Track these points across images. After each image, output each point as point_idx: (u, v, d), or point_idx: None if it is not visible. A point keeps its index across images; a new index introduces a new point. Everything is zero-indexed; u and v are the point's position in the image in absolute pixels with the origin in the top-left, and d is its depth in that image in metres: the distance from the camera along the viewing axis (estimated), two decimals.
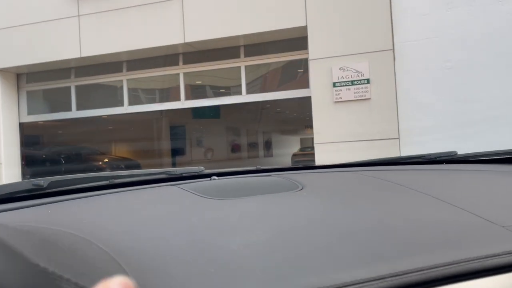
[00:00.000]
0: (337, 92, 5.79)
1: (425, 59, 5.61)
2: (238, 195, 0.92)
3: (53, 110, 8.02)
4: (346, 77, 5.75)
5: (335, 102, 5.81)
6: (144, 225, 0.72)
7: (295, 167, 1.52)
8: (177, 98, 7.22)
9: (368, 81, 5.67)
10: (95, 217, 0.80)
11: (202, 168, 1.23)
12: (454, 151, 1.44)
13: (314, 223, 0.73)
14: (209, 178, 1.13)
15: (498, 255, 0.59)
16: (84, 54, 7.11)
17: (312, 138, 6.03)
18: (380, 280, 0.53)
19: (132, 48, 6.83)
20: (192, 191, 0.93)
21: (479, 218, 0.74)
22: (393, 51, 5.66)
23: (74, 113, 7.79)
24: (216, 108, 7.61)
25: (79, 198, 0.95)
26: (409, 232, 0.69)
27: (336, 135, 5.74)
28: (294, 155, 17.41)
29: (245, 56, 6.86)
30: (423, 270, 0.55)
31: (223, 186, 1.02)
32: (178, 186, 1.00)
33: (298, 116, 13.82)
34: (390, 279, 0.53)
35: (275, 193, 0.94)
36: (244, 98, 6.85)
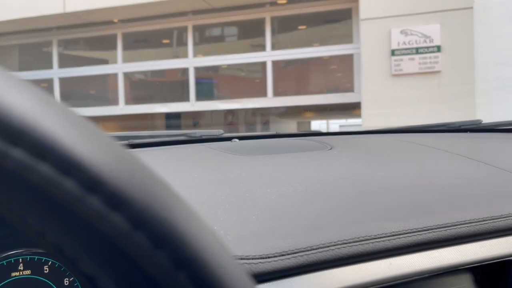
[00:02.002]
0: (397, 63, 4.50)
1: None
2: (267, 153, 0.90)
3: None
4: (409, 43, 4.45)
5: (394, 75, 4.53)
6: (175, 177, 0.67)
7: (319, 133, 1.45)
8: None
9: (438, 48, 4.38)
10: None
11: (221, 131, 1.21)
12: (479, 120, 1.40)
13: (349, 178, 0.71)
14: (230, 141, 1.08)
15: None
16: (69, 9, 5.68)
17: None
18: (429, 231, 0.52)
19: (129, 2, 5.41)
20: (218, 149, 0.91)
21: None
22: (473, 10, 4.32)
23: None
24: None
25: None
26: (449, 187, 0.69)
27: (393, 120, 4.45)
28: None
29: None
30: (471, 222, 0.55)
31: (247, 146, 1.00)
32: (203, 145, 0.99)
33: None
34: (438, 230, 0.53)
35: (304, 152, 0.91)
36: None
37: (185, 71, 5.92)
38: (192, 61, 5.83)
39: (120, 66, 6.13)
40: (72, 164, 0.18)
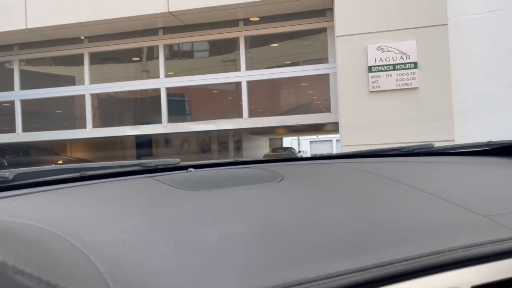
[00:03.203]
0: (374, 79, 4.44)
1: (488, 39, 4.32)
2: (216, 186, 0.91)
3: None
4: (386, 59, 4.41)
5: (371, 92, 4.45)
6: (116, 217, 0.70)
7: (274, 159, 1.48)
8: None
9: (415, 65, 4.36)
10: (65, 210, 0.78)
11: (178, 160, 1.22)
12: (431, 144, 1.44)
13: (295, 213, 0.72)
14: (185, 170, 1.11)
15: (482, 244, 0.60)
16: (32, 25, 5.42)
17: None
18: (365, 271, 0.52)
19: (97, 18, 5.21)
20: (168, 183, 0.92)
21: (461, 208, 0.75)
22: (447, 27, 4.34)
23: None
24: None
25: (48, 190, 0.93)
26: (391, 222, 0.69)
27: (370, 137, 4.37)
28: (266, 156, 16.95)
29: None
30: (407, 260, 0.55)
31: (200, 177, 1.01)
32: (153, 177, 0.99)
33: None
34: (374, 269, 0.53)
35: (254, 184, 0.93)
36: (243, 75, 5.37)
37: (156, 91, 5.70)
38: (163, 82, 5.63)
39: (87, 88, 5.86)
40: None
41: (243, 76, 5.41)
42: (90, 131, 5.85)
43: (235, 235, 0.61)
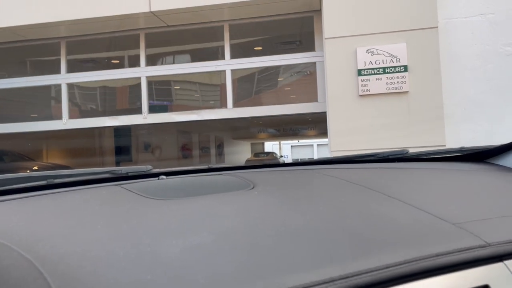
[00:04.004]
0: (364, 83, 4.33)
1: (478, 42, 4.26)
2: (185, 195, 0.90)
3: None
4: (376, 62, 4.31)
5: (361, 95, 4.34)
6: (77, 228, 0.68)
7: (248, 166, 1.45)
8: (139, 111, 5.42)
9: (405, 68, 4.26)
10: (25, 220, 0.75)
11: (150, 167, 1.20)
12: (406, 150, 1.45)
13: (263, 223, 0.71)
14: (156, 178, 1.09)
15: (450, 252, 0.60)
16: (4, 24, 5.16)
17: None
18: (330, 283, 0.52)
19: (74, 17, 4.99)
20: (136, 192, 0.90)
21: (431, 216, 0.75)
22: (437, 30, 4.26)
23: None
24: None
25: (10, 200, 0.90)
26: (360, 231, 0.69)
27: (360, 141, 4.26)
28: (248, 161, 16.88)
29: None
30: (373, 271, 0.55)
31: (170, 185, 1.00)
32: (122, 186, 0.97)
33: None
34: (339, 281, 0.53)
35: (224, 193, 0.92)
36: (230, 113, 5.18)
37: (136, 81, 5.46)
38: (144, 70, 5.40)
39: (64, 76, 5.59)
40: None
41: (228, 64, 5.23)
42: (66, 122, 5.56)
43: (200, 246, 0.59)
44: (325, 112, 4.67)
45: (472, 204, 0.87)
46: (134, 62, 5.63)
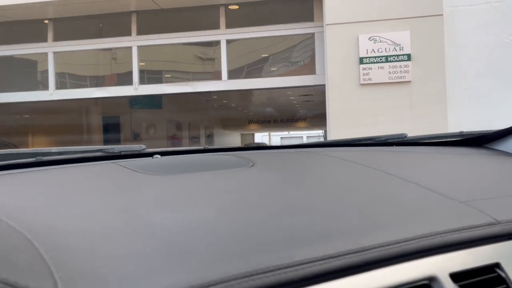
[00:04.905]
0: (365, 71, 4.21)
1: (483, 31, 4.15)
2: (183, 171, 0.88)
3: None
4: (378, 50, 4.19)
5: (362, 84, 4.21)
6: (70, 202, 0.67)
7: (246, 147, 1.41)
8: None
9: (409, 57, 4.15)
10: (13, 194, 0.74)
11: (143, 146, 1.15)
12: (404, 134, 1.42)
13: (265, 199, 0.70)
14: (151, 157, 1.04)
15: (459, 230, 0.59)
16: None
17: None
18: (339, 257, 0.50)
19: None
20: (130, 168, 0.87)
21: (436, 194, 0.74)
22: (442, 18, 4.13)
23: None
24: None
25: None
26: (366, 207, 0.68)
27: (360, 132, 4.09)
28: None
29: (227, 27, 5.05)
30: (383, 246, 0.53)
31: (166, 163, 0.97)
32: (116, 163, 0.93)
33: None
34: (349, 256, 0.51)
35: (223, 170, 0.90)
36: (225, 84, 5.01)
37: (127, 50, 5.26)
38: (135, 40, 5.20)
39: (50, 45, 5.37)
40: None
41: (223, 34, 5.05)
42: (52, 93, 5.41)
43: (200, 221, 0.58)
44: (323, 85, 4.51)
45: (477, 184, 0.86)
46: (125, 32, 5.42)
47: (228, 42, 5.08)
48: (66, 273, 0.43)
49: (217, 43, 5.13)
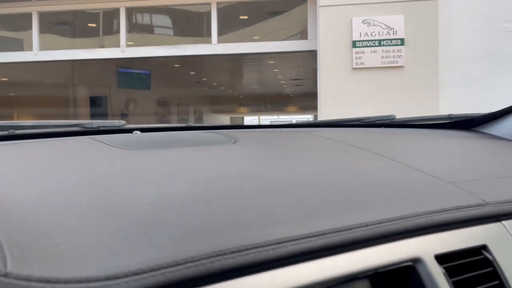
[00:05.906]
0: (358, 55, 4.17)
1: (477, 17, 4.12)
2: (162, 147, 0.85)
3: None
4: (372, 34, 4.15)
5: (355, 69, 4.18)
6: (36, 176, 0.64)
7: (231, 126, 1.37)
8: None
9: (402, 41, 4.11)
10: None
11: (123, 122, 1.12)
12: (393, 115, 1.42)
13: (246, 176, 0.68)
14: (130, 133, 1.03)
15: (447, 210, 0.58)
16: None
17: None
18: (320, 236, 0.48)
19: None
20: (107, 143, 0.84)
21: (424, 174, 0.73)
22: (437, 2, 4.10)
23: None
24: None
25: None
26: (351, 186, 0.66)
27: (351, 116, 4.07)
28: None
29: None
30: (367, 225, 0.52)
31: (145, 139, 0.93)
32: (92, 138, 0.91)
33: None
34: (330, 235, 0.49)
35: (203, 146, 0.87)
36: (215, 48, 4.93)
37: (115, 12, 5.14)
38: (123, 0, 5.07)
39: (35, 4, 5.26)
40: None
41: None
42: (37, 54, 5.27)
43: (175, 196, 0.55)
44: (315, 51, 4.45)
45: (465, 166, 0.85)
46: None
47: (219, 4, 4.99)
48: (19, 249, 0.40)
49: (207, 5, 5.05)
